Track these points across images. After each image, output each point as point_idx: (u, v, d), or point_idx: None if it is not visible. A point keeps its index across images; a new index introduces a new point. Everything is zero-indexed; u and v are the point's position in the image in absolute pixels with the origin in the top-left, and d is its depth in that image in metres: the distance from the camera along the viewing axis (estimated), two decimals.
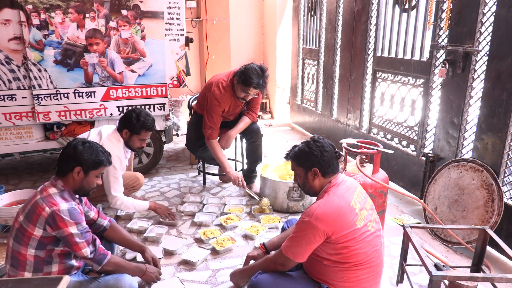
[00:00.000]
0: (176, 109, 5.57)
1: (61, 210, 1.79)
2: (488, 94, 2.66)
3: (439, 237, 2.83)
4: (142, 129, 2.80)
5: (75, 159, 1.91)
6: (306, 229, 1.78)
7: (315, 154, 1.89)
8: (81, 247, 1.85)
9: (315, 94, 5.44)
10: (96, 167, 1.96)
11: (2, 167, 4.32)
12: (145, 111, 2.87)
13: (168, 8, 3.84)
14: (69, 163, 1.91)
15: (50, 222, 1.79)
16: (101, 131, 2.89)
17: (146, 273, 2.14)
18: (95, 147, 1.98)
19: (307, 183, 1.96)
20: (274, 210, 3.28)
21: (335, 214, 1.76)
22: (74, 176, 1.91)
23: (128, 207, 2.84)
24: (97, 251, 1.92)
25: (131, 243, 2.29)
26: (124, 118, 2.83)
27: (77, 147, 1.93)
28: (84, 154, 1.92)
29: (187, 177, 4.05)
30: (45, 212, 1.78)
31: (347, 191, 1.87)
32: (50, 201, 1.81)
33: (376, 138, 4.03)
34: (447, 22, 2.96)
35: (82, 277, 1.97)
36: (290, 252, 1.84)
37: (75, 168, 1.90)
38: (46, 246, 1.84)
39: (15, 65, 3.40)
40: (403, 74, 3.59)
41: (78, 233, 1.83)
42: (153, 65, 3.82)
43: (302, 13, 5.65)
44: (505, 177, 2.62)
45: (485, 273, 2.20)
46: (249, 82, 3.06)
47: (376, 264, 1.87)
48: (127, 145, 2.88)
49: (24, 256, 1.82)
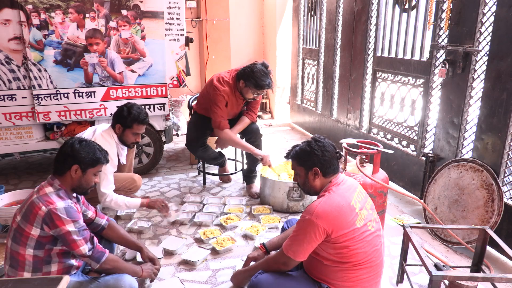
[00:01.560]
0: (176, 109, 5.57)
1: (57, 208, 1.79)
2: (488, 94, 2.66)
3: (439, 237, 2.83)
4: (134, 122, 2.78)
5: (73, 157, 1.90)
6: (307, 226, 1.79)
7: (316, 154, 1.89)
8: (79, 244, 1.84)
9: (315, 94, 5.44)
10: (94, 165, 1.96)
11: (2, 167, 4.32)
12: (137, 105, 2.86)
13: (168, 8, 3.84)
14: (66, 162, 1.91)
15: (47, 221, 1.78)
16: (95, 129, 2.89)
17: (142, 275, 2.14)
18: (92, 145, 1.98)
19: (307, 183, 1.96)
20: (274, 210, 3.28)
21: (336, 213, 1.77)
22: (72, 174, 1.91)
23: (119, 205, 2.75)
24: (95, 249, 1.92)
25: (129, 242, 2.29)
26: (116, 113, 2.84)
27: (74, 146, 1.93)
28: (81, 152, 1.92)
29: (187, 177, 4.05)
30: (41, 211, 1.78)
31: (347, 190, 1.87)
32: (47, 200, 1.81)
33: (376, 138, 4.03)
34: (447, 22, 2.96)
35: (82, 277, 1.97)
36: (291, 251, 1.84)
37: (73, 166, 1.90)
38: (45, 245, 1.83)
39: (15, 65, 3.40)
40: (403, 74, 3.59)
41: (75, 230, 1.82)
42: (153, 65, 3.82)
43: (302, 13, 5.65)
44: (505, 177, 2.62)
45: (485, 273, 2.20)
46: (261, 85, 3.11)
47: (376, 264, 1.87)
48: (121, 141, 2.87)
49: (23, 256, 1.81)
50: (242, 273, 2.22)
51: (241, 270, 2.24)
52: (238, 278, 2.24)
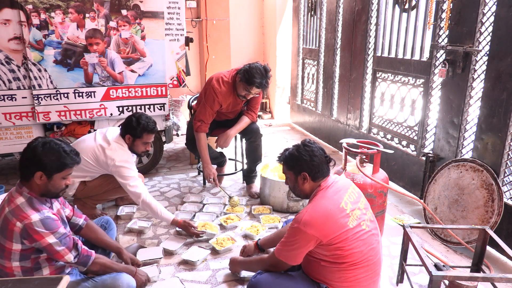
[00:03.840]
0: (176, 109, 5.57)
1: (33, 223, 1.69)
2: (488, 94, 2.66)
3: (439, 237, 2.83)
4: (144, 132, 2.82)
5: (35, 163, 1.75)
6: (296, 234, 1.80)
7: (305, 159, 1.90)
8: (63, 254, 1.78)
9: (315, 94, 5.44)
10: (60, 169, 1.79)
11: (2, 167, 4.32)
12: (145, 114, 2.90)
13: (168, 8, 3.83)
14: (29, 168, 1.76)
15: (25, 236, 1.70)
16: (106, 135, 2.91)
17: (136, 275, 2.10)
18: (57, 148, 1.79)
19: (297, 187, 1.99)
20: (274, 210, 3.28)
21: (324, 218, 1.77)
22: (37, 181, 1.77)
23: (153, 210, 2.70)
24: (81, 254, 1.86)
25: (107, 243, 2.23)
26: (125, 124, 2.87)
27: (36, 150, 1.75)
28: (44, 157, 1.75)
29: (187, 177, 4.05)
30: (17, 227, 1.69)
31: (336, 193, 1.87)
32: (20, 214, 1.71)
33: (376, 138, 4.03)
34: (447, 22, 2.96)
35: (79, 277, 1.96)
36: (283, 255, 1.87)
37: (36, 173, 1.75)
38: (30, 256, 1.77)
39: (15, 65, 3.40)
40: (403, 74, 3.59)
41: (56, 241, 1.75)
42: (153, 65, 3.82)
43: (302, 13, 5.65)
44: (505, 177, 2.62)
45: (485, 273, 2.20)
46: (252, 81, 3.06)
47: (374, 263, 1.87)
48: (132, 151, 2.90)
49: (10, 269, 1.76)
50: (238, 263, 2.32)
51: (239, 260, 2.33)
52: (234, 265, 2.35)
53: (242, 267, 2.32)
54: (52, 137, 2.00)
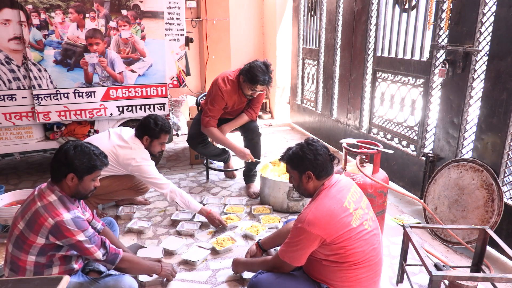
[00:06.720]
0: (176, 109, 5.57)
1: (65, 221, 1.76)
2: (488, 94, 2.66)
3: (439, 237, 2.83)
4: (162, 132, 2.92)
5: (67, 165, 1.83)
6: (300, 234, 1.80)
7: (309, 158, 1.90)
8: (92, 251, 1.85)
9: (315, 94, 5.44)
10: (90, 171, 1.89)
11: (2, 167, 4.32)
12: (160, 116, 2.97)
13: (168, 8, 3.84)
14: (61, 170, 1.85)
15: (54, 233, 1.76)
16: (121, 135, 2.95)
17: (162, 270, 2.18)
18: (88, 151, 1.89)
19: (301, 186, 1.98)
20: (274, 210, 3.28)
21: (327, 217, 1.77)
22: (68, 182, 1.85)
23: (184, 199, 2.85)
24: (109, 252, 1.92)
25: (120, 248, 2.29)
26: (141, 125, 2.93)
27: (68, 153, 1.84)
28: (76, 160, 1.84)
29: (187, 177, 4.05)
30: (48, 223, 1.75)
31: (340, 192, 1.87)
32: (53, 211, 1.78)
33: (376, 138, 4.03)
34: (447, 22, 2.96)
35: (82, 278, 1.97)
36: (287, 257, 1.86)
37: (68, 175, 1.84)
38: (48, 252, 1.82)
39: (15, 65, 3.40)
40: (403, 74, 3.59)
41: (86, 239, 1.82)
42: (153, 65, 3.82)
43: (302, 13, 5.64)
44: (505, 177, 2.62)
45: (485, 273, 2.20)
46: (255, 80, 3.13)
47: (375, 263, 1.87)
48: (149, 151, 2.96)
49: (24, 262, 1.80)
50: (242, 264, 2.29)
51: (242, 261, 2.30)
52: (237, 266, 2.32)
53: (245, 268, 2.29)
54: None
